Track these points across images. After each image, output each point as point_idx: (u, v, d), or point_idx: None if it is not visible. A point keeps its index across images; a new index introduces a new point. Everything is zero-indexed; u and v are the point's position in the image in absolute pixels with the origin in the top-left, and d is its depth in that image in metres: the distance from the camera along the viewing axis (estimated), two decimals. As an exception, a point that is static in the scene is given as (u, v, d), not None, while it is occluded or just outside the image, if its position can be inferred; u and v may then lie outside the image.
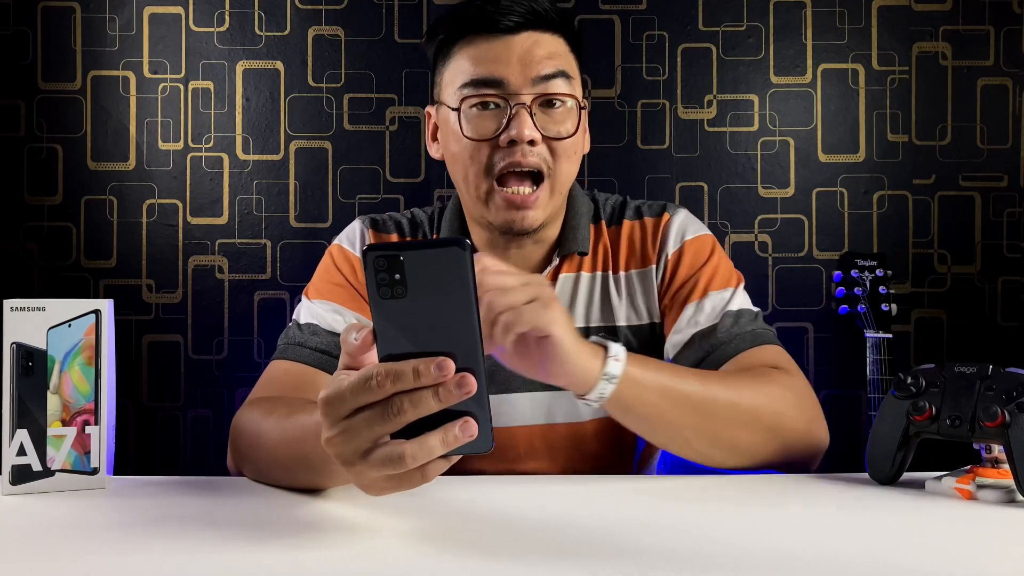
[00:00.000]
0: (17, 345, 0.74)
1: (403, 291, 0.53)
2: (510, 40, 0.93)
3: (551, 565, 0.55)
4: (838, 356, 2.01)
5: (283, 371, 0.95)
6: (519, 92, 0.92)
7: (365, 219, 1.07)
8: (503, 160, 0.92)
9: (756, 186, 2.01)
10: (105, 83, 1.98)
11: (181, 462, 1.99)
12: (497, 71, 0.92)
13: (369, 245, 0.53)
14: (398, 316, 0.53)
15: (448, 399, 0.53)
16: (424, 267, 0.52)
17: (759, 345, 0.94)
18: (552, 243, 1.02)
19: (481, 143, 0.93)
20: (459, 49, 0.95)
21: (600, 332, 1.02)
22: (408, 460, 0.54)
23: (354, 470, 0.56)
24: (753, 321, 0.97)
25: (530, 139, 0.91)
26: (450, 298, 0.53)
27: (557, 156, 0.94)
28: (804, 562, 0.57)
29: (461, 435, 0.54)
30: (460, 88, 0.93)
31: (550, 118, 0.93)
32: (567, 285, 1.02)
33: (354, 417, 0.55)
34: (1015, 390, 0.73)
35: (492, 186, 0.94)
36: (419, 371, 0.52)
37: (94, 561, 0.57)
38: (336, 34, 2.00)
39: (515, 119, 0.91)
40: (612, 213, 1.06)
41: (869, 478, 0.81)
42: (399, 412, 0.53)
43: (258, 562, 0.56)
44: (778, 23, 2.01)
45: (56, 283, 1.96)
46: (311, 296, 1.01)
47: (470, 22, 0.94)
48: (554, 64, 0.93)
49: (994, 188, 2.02)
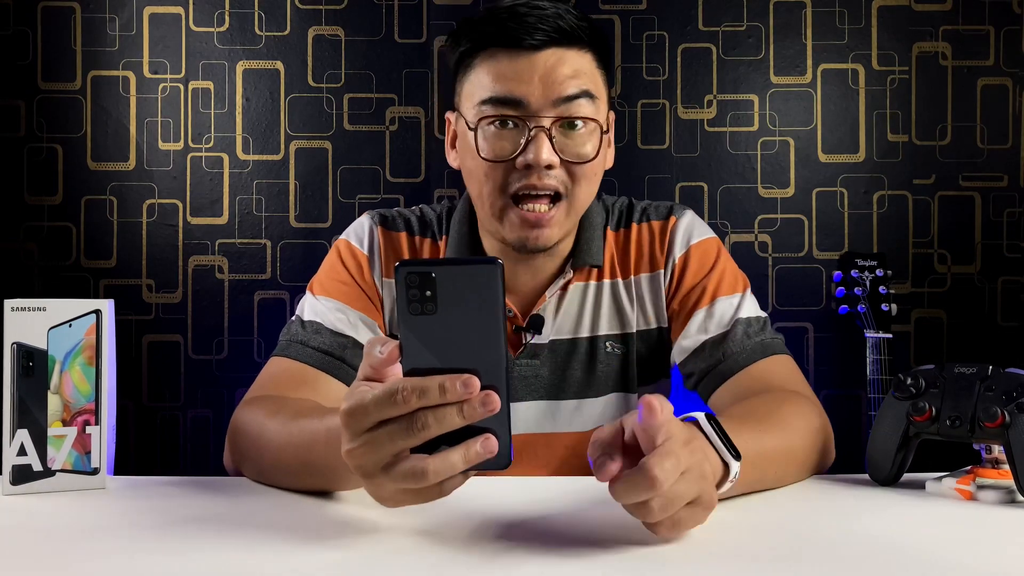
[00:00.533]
0: (17, 345, 0.74)
1: (433, 307, 0.53)
2: (533, 57, 0.89)
3: (553, 565, 0.55)
4: (838, 356, 2.01)
5: (283, 369, 0.95)
6: (539, 114, 0.88)
7: (374, 215, 1.05)
8: (519, 181, 0.90)
9: (756, 186, 2.02)
10: (105, 83, 1.98)
11: (181, 462, 1.99)
12: (517, 90, 0.89)
13: (402, 261, 0.54)
14: (426, 331, 0.54)
15: (472, 416, 0.53)
16: (455, 285, 0.53)
17: (769, 356, 0.94)
18: (565, 255, 1.01)
19: (497, 164, 0.90)
20: (480, 62, 0.92)
21: (611, 341, 1.01)
22: (431, 475, 0.54)
23: (374, 482, 0.57)
24: (763, 330, 0.97)
25: (548, 163, 0.89)
26: (479, 316, 0.54)
27: (576, 179, 0.91)
28: (804, 563, 0.57)
29: (482, 451, 0.54)
30: (479, 104, 0.91)
31: (570, 140, 0.91)
32: (576, 294, 1.01)
33: (377, 430, 0.55)
34: (1015, 390, 0.73)
35: (507, 203, 0.92)
36: (445, 387, 0.53)
37: (94, 561, 0.57)
38: (336, 34, 2.00)
39: (533, 142, 0.88)
40: (620, 217, 1.05)
41: (869, 479, 0.81)
42: (423, 427, 0.53)
43: (259, 562, 0.57)
44: (778, 23, 2.01)
45: (56, 283, 1.96)
46: (316, 292, 1.00)
47: (493, 36, 0.90)
48: (577, 84, 0.89)
49: (994, 188, 2.02)
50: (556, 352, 1.01)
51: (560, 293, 1.00)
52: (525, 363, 1.00)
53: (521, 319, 1.00)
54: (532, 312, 1.00)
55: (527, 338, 1.00)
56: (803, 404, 0.86)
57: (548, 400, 1.00)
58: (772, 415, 0.81)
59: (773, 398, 0.86)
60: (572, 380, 1.01)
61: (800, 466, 0.82)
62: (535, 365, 1.00)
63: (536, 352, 1.00)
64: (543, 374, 1.00)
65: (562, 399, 1.01)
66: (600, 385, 1.01)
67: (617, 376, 1.01)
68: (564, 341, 1.01)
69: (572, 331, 1.01)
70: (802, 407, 0.85)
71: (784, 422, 0.80)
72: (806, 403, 0.87)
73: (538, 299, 1.00)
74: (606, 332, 1.01)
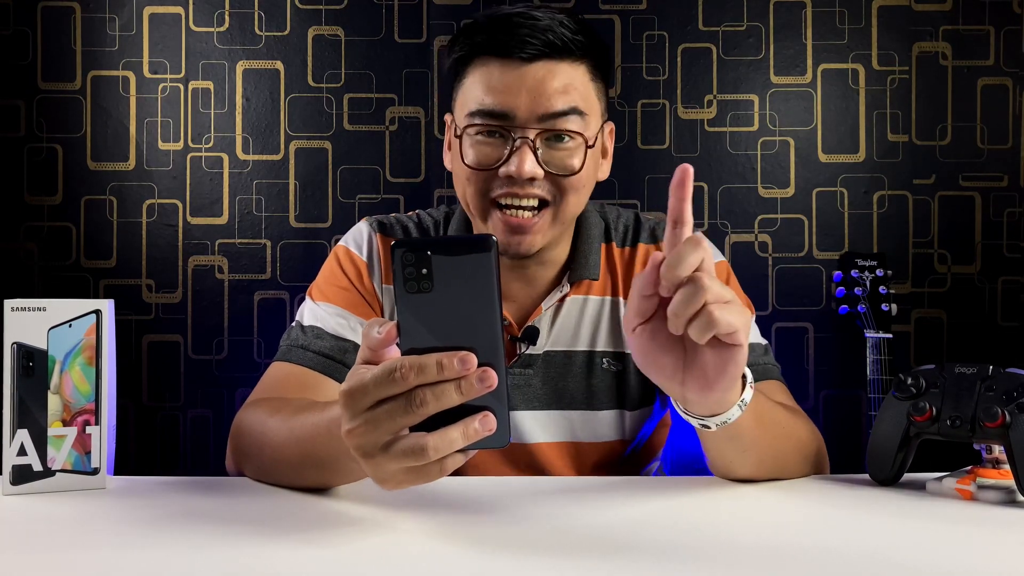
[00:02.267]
0: (18, 345, 0.74)
1: (429, 285, 0.54)
2: (523, 70, 0.89)
3: (554, 565, 0.55)
4: (838, 356, 2.01)
5: (285, 374, 0.94)
6: (524, 126, 0.89)
7: (372, 221, 1.05)
8: (501, 188, 0.90)
9: (756, 186, 2.01)
10: (105, 83, 1.98)
11: (181, 462, 1.99)
12: (505, 103, 0.88)
13: (397, 240, 0.55)
14: (422, 310, 0.54)
15: (470, 393, 0.54)
16: (451, 262, 0.54)
17: (765, 380, 0.95)
18: (560, 265, 1.00)
19: (480, 171, 0.91)
20: (472, 70, 0.92)
21: (607, 358, 1.01)
22: (430, 452, 0.54)
23: (373, 462, 0.57)
24: (764, 356, 0.97)
25: (530, 176, 0.88)
26: (474, 293, 0.54)
27: (563, 190, 0.91)
28: (805, 563, 0.57)
29: (481, 429, 0.55)
30: (468, 115, 0.91)
31: (556, 152, 0.90)
32: (574, 308, 1.01)
33: (376, 409, 0.55)
34: (1015, 390, 0.73)
35: (489, 206, 0.92)
36: (442, 364, 0.53)
37: (94, 561, 0.57)
38: (336, 34, 2.00)
39: (516, 153, 0.88)
40: (626, 234, 1.04)
41: (869, 479, 0.81)
42: (422, 404, 0.54)
43: (259, 561, 0.57)
44: (778, 23, 2.01)
45: (56, 283, 1.96)
46: (316, 298, 1.00)
47: (485, 46, 0.90)
48: (566, 100, 0.89)
49: (994, 188, 2.02)
50: (550, 363, 1.00)
51: (557, 305, 1.00)
52: (518, 372, 0.99)
53: (516, 329, 0.99)
54: (528, 323, 0.99)
55: (522, 348, 0.99)
56: (804, 419, 0.89)
57: (549, 410, 1.00)
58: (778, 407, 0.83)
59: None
60: (568, 392, 1.00)
61: (798, 451, 0.83)
62: (528, 375, 1.00)
63: (530, 362, 1.00)
64: (535, 384, 1.00)
65: (564, 409, 1.00)
66: (599, 400, 1.00)
67: (614, 392, 1.01)
68: (559, 353, 1.00)
69: (569, 344, 1.00)
70: (804, 421, 0.88)
71: (789, 415, 0.84)
72: (807, 420, 0.90)
73: (534, 309, 1.00)
74: (603, 348, 1.01)
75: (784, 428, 0.81)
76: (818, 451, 0.88)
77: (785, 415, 0.83)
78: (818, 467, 0.88)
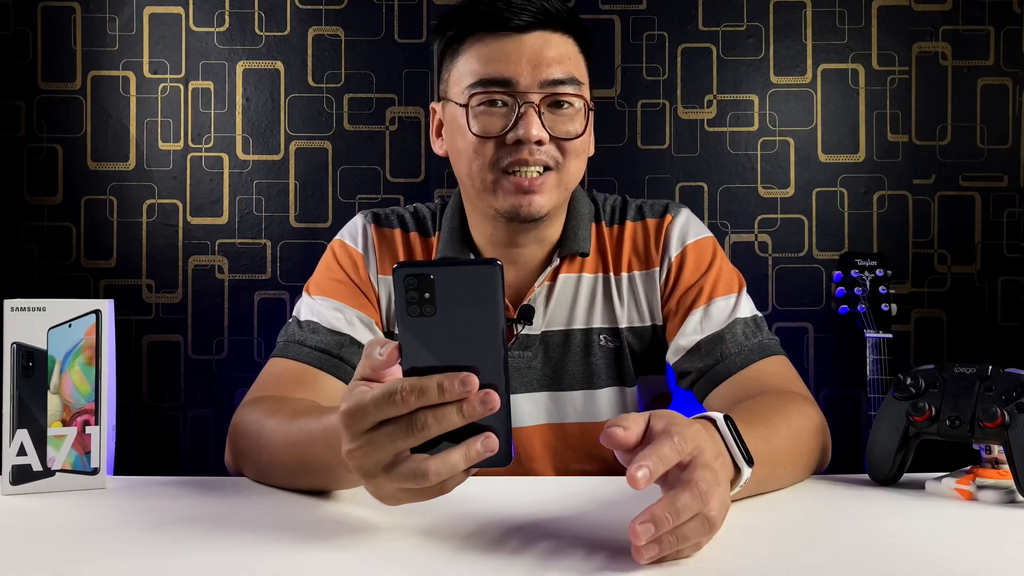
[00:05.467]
0: (17, 345, 0.74)
1: (432, 309, 0.53)
2: (520, 39, 0.92)
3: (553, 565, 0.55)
4: (838, 356, 2.01)
5: (282, 369, 0.95)
6: (528, 91, 0.91)
7: (367, 214, 1.06)
8: (509, 156, 0.92)
9: (756, 186, 2.02)
10: (105, 83, 1.98)
11: (181, 462, 1.99)
12: (506, 70, 0.91)
13: (400, 263, 0.54)
14: (425, 333, 0.54)
15: (472, 415, 0.53)
16: (454, 286, 0.53)
17: (767, 357, 0.95)
18: (553, 244, 1.02)
19: (488, 140, 0.92)
20: (468, 47, 0.94)
21: (604, 334, 1.02)
22: (432, 476, 0.54)
23: (374, 483, 0.57)
24: (759, 330, 0.97)
25: (538, 139, 0.91)
26: (478, 316, 0.53)
27: (566, 154, 0.94)
28: (804, 563, 0.57)
29: (483, 450, 0.54)
30: (468, 87, 0.93)
31: (558, 118, 0.93)
32: (568, 286, 1.02)
33: (377, 431, 0.55)
34: (1015, 390, 0.73)
35: (499, 176, 0.93)
36: (443, 387, 0.53)
37: (94, 561, 0.57)
38: (336, 34, 2.00)
39: (523, 119, 0.91)
40: (613, 213, 1.06)
41: (869, 479, 0.81)
42: (423, 427, 0.53)
43: (259, 562, 0.57)
44: (778, 23, 2.01)
45: (56, 283, 1.96)
46: (312, 292, 1.01)
47: (480, 20, 0.93)
48: (563, 69, 0.92)
49: (994, 188, 2.02)
50: (549, 344, 1.01)
51: (549, 284, 1.01)
52: (517, 354, 1.00)
53: (512, 310, 1.00)
54: (522, 303, 1.00)
55: (518, 329, 1.00)
56: (804, 405, 0.87)
57: (549, 391, 1.01)
58: (777, 415, 0.81)
59: (776, 398, 0.87)
60: (570, 372, 1.01)
61: (804, 468, 0.83)
62: (527, 356, 1.01)
63: (528, 343, 1.01)
64: (535, 365, 1.01)
65: (564, 390, 1.01)
66: (598, 377, 1.01)
67: (613, 369, 1.02)
68: (557, 333, 1.01)
69: (565, 323, 1.02)
70: (804, 407, 0.86)
71: (790, 423, 0.81)
72: (806, 403, 0.88)
73: (527, 290, 1.01)
74: (599, 325, 1.02)
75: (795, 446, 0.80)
76: (822, 430, 0.87)
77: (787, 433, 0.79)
78: (823, 446, 0.87)
